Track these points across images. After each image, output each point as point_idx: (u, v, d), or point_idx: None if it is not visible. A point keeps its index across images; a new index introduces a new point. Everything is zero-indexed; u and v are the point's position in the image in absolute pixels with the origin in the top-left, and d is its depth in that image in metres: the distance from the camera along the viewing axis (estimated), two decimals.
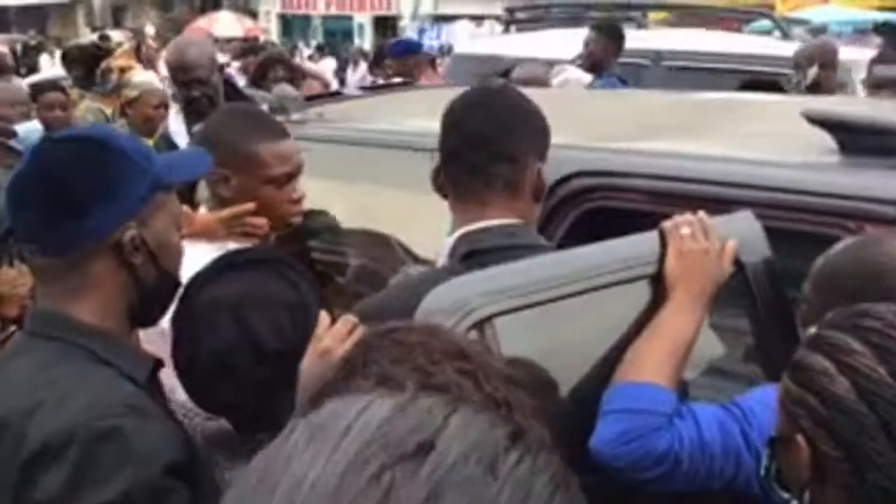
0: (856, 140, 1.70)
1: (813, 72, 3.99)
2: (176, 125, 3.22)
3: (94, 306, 1.20)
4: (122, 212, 1.18)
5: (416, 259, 2.44)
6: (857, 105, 3.01)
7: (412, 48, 5.53)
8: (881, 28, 8.86)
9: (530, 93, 1.68)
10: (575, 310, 1.32)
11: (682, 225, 1.37)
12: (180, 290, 1.33)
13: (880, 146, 1.66)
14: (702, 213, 1.40)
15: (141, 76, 3.90)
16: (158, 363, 1.28)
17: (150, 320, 1.33)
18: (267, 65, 4.67)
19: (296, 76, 4.68)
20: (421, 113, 2.84)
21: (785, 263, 1.48)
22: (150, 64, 5.90)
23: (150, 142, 3.62)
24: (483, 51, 5.65)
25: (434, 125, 2.56)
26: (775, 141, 2.02)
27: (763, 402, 1.23)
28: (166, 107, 3.75)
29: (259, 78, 4.53)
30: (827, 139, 1.72)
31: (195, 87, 3.19)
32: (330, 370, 0.80)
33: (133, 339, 1.34)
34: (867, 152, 1.68)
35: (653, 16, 6.90)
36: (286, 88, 2.87)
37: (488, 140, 1.45)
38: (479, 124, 1.46)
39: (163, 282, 1.26)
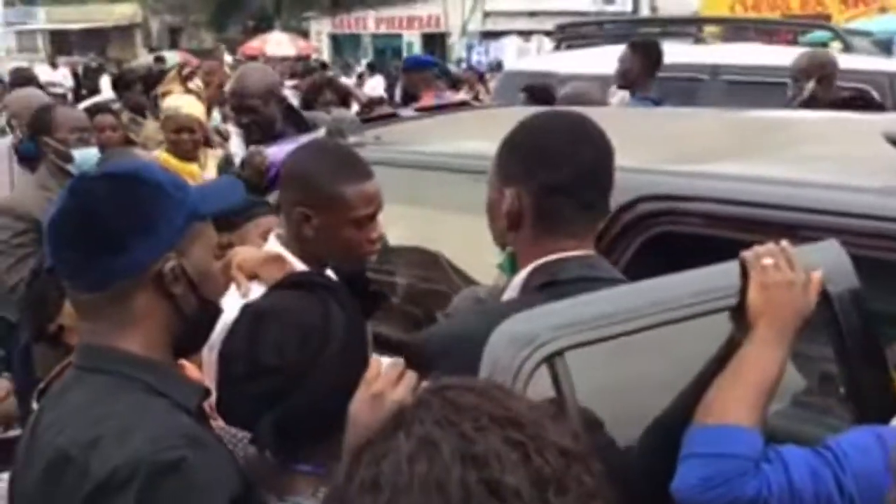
0: None
1: (810, 86, 3.89)
2: (236, 147, 3.28)
3: (141, 338, 1.21)
4: (160, 244, 1.19)
5: (469, 281, 2.41)
6: None
7: (419, 63, 5.74)
8: None
9: (589, 112, 1.65)
10: (651, 343, 1.26)
11: (765, 255, 1.30)
12: None
13: None
14: (785, 243, 1.32)
15: (171, 101, 3.93)
16: (207, 390, 1.29)
17: (193, 348, 1.34)
18: (317, 88, 4.79)
19: (345, 97, 4.78)
20: (475, 136, 2.83)
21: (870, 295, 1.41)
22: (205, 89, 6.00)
23: (192, 166, 3.68)
24: (535, 68, 5.58)
25: (488, 147, 2.57)
26: (850, 163, 1.94)
27: (857, 447, 1.16)
28: (191, 130, 3.75)
29: (311, 100, 4.63)
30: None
31: (246, 114, 3.26)
32: (378, 420, 0.80)
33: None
34: None
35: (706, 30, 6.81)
36: (343, 112, 2.89)
37: (599, 176, 1.44)
38: (592, 161, 1.43)
39: (204, 310, 1.26)
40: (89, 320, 1.23)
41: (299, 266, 1.85)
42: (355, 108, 5.88)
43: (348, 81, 11.42)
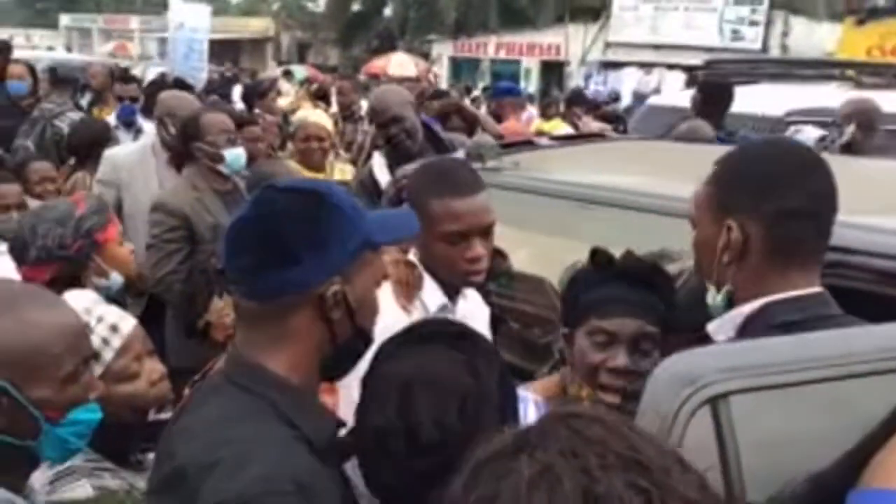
0: None
1: (849, 130, 3.76)
2: (378, 167, 3.34)
3: (289, 357, 1.20)
4: (330, 266, 1.19)
5: None
6: None
7: (508, 91, 6.49)
8: None
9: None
10: (825, 397, 1.19)
11: None
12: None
13: None
14: None
15: (299, 114, 4.08)
16: (340, 424, 1.27)
17: (339, 375, 1.32)
18: (446, 113, 4.85)
19: (472, 124, 4.80)
20: (614, 167, 2.79)
21: None
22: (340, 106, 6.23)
23: (319, 176, 3.78)
24: (677, 103, 5.41)
25: (624, 180, 2.53)
26: None
27: None
28: (320, 139, 3.91)
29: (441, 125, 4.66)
30: None
31: (392, 126, 3.32)
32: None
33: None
34: None
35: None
36: (485, 137, 2.91)
37: (833, 202, 1.37)
38: (827, 185, 1.37)
39: (357, 339, 1.25)
40: (245, 328, 1.24)
41: (428, 282, 1.86)
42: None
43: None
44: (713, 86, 4.56)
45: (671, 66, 20.67)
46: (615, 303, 1.61)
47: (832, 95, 4.53)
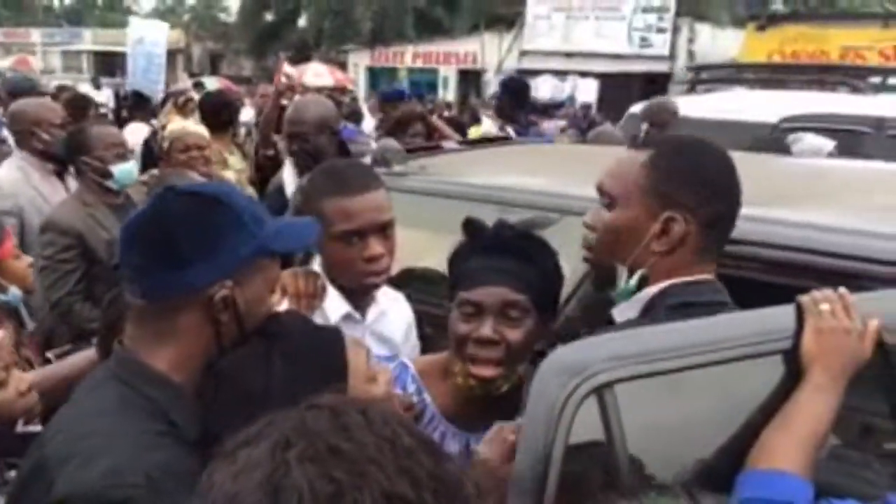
0: None
1: (643, 128, 4.08)
2: (288, 175, 3.30)
3: (172, 355, 1.22)
4: (219, 270, 1.20)
5: None
6: None
7: (397, 95, 6.60)
8: None
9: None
10: (704, 381, 1.24)
11: (822, 301, 1.29)
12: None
13: None
14: (843, 290, 1.31)
15: (172, 126, 4.00)
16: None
17: None
18: (406, 120, 4.78)
19: (432, 132, 4.75)
20: (516, 169, 2.83)
21: None
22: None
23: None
24: None
25: (527, 181, 2.57)
26: None
27: None
28: (200, 147, 3.80)
29: (398, 133, 4.58)
30: None
31: (295, 142, 3.29)
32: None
33: None
34: None
35: None
36: (389, 141, 2.90)
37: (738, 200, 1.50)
38: (737, 188, 1.49)
39: (243, 343, 1.26)
40: (134, 325, 1.26)
41: (331, 291, 1.83)
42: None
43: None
44: (514, 88, 4.78)
45: (584, 74, 21.16)
46: (479, 273, 1.59)
47: (829, 101, 4.51)
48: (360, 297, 1.87)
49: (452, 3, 27.36)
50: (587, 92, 19.14)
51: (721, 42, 19.51)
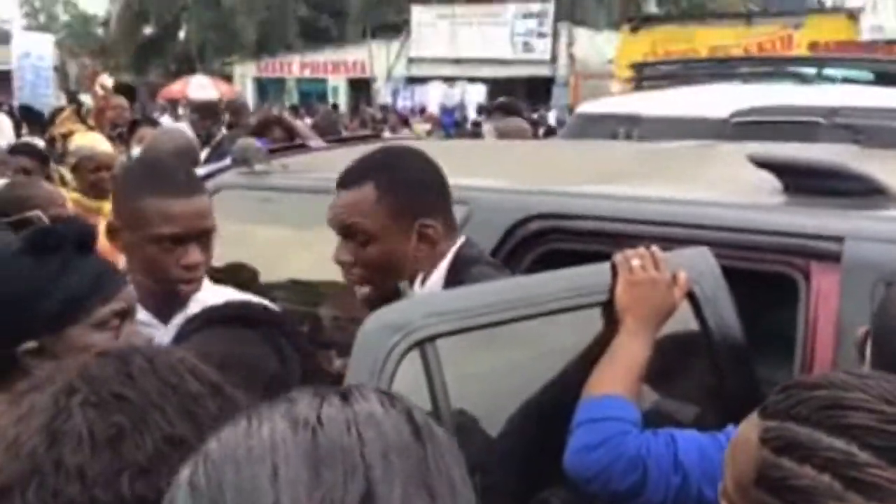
0: (798, 181, 1.76)
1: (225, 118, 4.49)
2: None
3: None
4: None
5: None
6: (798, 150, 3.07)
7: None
8: None
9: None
10: (527, 335, 1.35)
11: (633, 257, 1.43)
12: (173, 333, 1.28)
13: (821, 187, 1.72)
14: (654, 247, 1.44)
15: (80, 140, 3.88)
16: None
17: None
18: (265, 125, 4.77)
19: (293, 136, 4.74)
20: None
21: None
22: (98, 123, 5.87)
23: (104, 203, 3.62)
24: (613, 110, 4.90)
25: None
26: (722, 183, 2.08)
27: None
28: (108, 168, 3.72)
29: (259, 137, 4.53)
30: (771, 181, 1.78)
31: None
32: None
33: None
34: (809, 192, 1.74)
35: None
36: (249, 140, 2.90)
37: None
38: (441, 174, 1.68)
39: None
40: None
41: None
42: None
43: None
44: (204, 108, 4.99)
45: (472, 79, 21.53)
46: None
47: (779, 94, 4.40)
48: (166, 300, 1.72)
49: (339, 12, 27.30)
50: (477, 97, 19.51)
51: (599, 45, 20.24)
